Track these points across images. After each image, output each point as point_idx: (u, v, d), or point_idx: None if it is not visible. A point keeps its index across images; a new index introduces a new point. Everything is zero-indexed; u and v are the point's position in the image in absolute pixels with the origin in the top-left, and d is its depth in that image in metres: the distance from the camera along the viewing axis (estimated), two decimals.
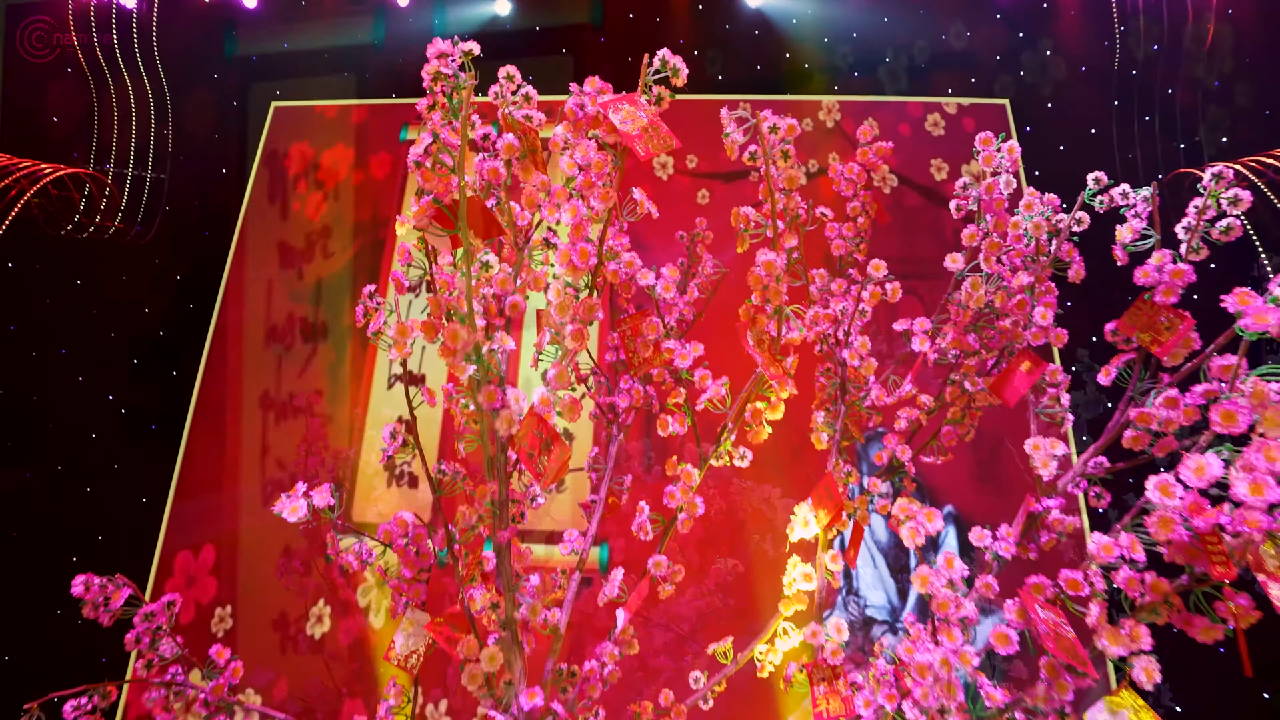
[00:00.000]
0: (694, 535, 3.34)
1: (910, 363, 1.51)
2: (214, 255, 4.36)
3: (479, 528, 1.11)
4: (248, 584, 3.57)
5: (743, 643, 1.42)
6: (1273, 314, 0.80)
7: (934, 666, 0.92)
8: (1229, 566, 0.78)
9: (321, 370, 3.93)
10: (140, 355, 4.29)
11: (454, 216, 0.95)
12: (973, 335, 1.39)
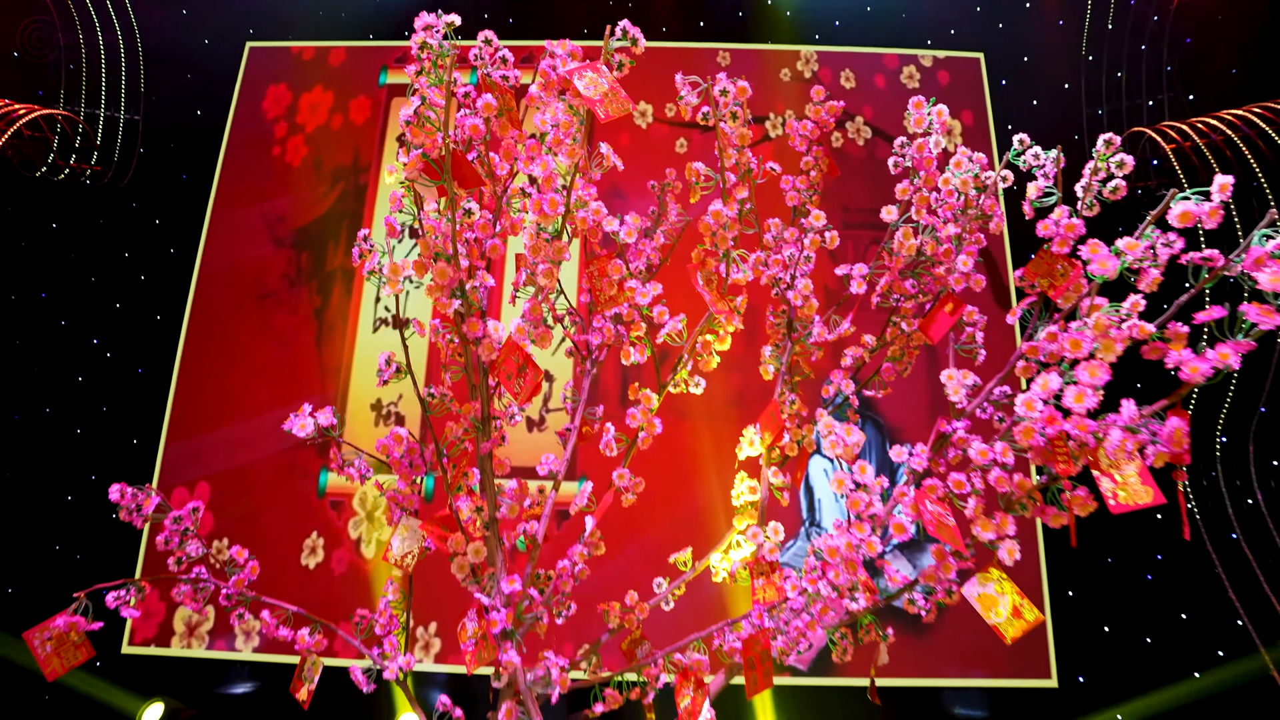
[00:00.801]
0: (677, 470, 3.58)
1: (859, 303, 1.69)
2: (193, 199, 4.39)
3: (465, 442, 1.29)
4: (243, 518, 3.77)
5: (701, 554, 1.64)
6: (1113, 262, 0.98)
7: (840, 550, 1.13)
8: (1070, 464, 0.98)
9: (307, 314, 4.05)
10: (122, 300, 4.36)
11: (440, 169, 1.09)
12: (910, 281, 1.57)
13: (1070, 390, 0.95)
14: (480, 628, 1.24)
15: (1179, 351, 0.98)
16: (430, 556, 1.41)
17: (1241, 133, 2.67)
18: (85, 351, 4.32)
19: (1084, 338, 0.98)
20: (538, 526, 1.45)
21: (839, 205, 4.04)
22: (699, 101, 1.19)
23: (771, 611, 1.28)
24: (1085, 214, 1.27)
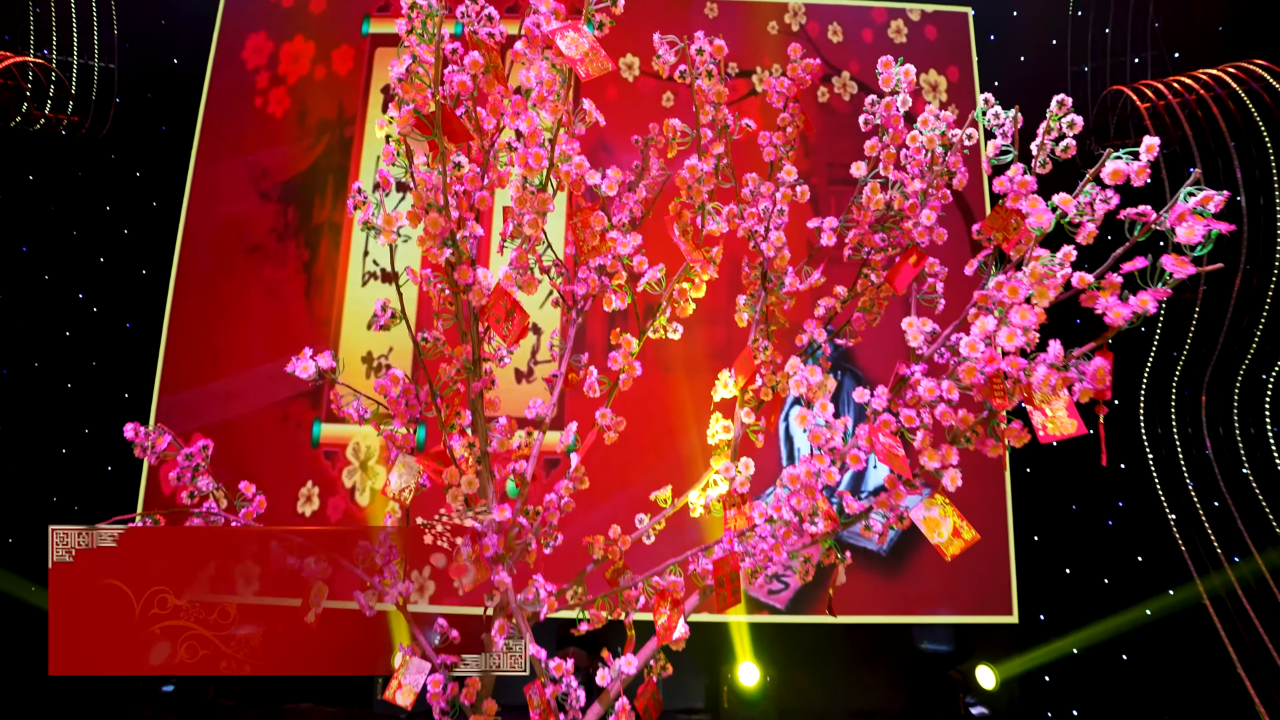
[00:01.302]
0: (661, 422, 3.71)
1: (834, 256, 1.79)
2: (173, 151, 4.36)
3: (457, 383, 1.39)
4: (240, 466, 3.88)
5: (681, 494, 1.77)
6: (1048, 215, 1.08)
7: (801, 477, 1.25)
8: (1005, 400, 1.10)
9: (295, 268, 4.09)
10: (106, 254, 4.37)
11: (431, 125, 1.16)
12: (880, 234, 1.67)
13: (1003, 331, 1.06)
14: (474, 552, 1.36)
15: (1107, 298, 1.09)
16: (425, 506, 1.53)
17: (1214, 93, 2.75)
18: (71, 306, 4.34)
19: (1021, 285, 1.09)
20: (526, 466, 1.56)
21: (824, 161, 4.09)
22: (676, 60, 1.26)
23: (741, 537, 1.41)
24: (1039, 171, 1.36)
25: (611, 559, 1.70)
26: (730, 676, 3.49)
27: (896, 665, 3.78)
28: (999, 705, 3.44)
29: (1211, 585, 2.59)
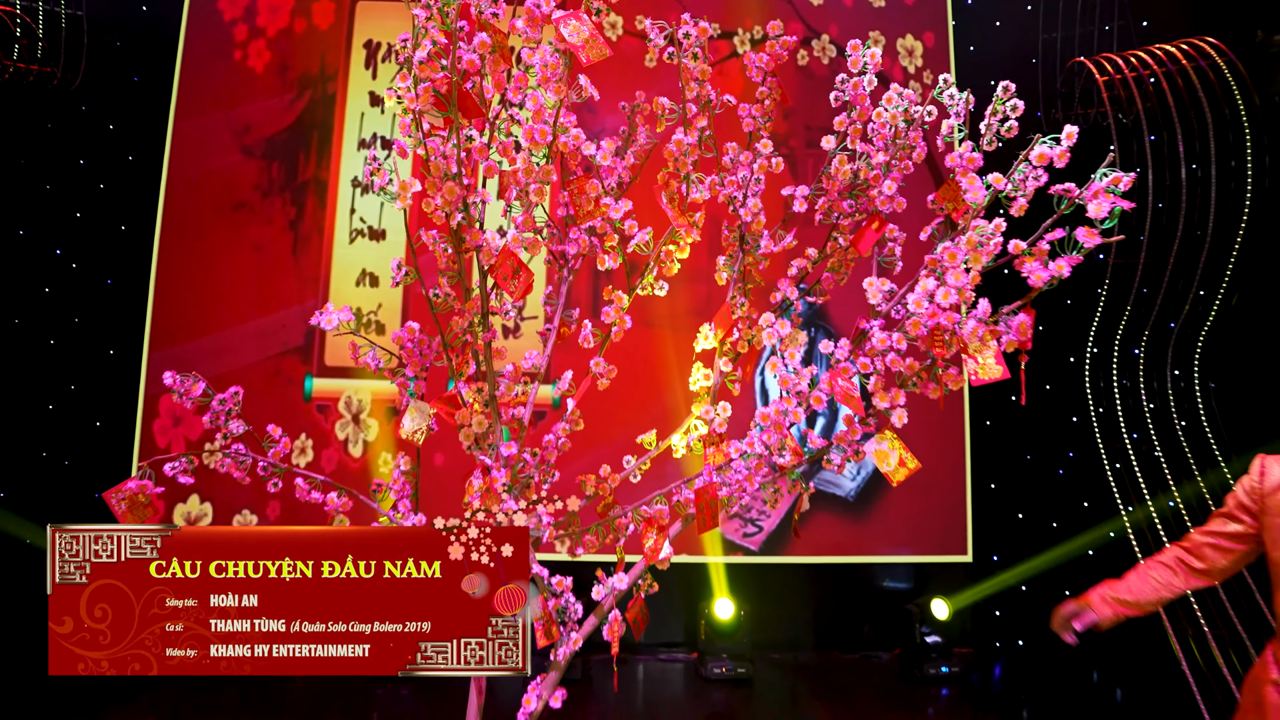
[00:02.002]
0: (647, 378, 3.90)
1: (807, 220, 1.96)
2: (147, 103, 4.34)
3: (466, 334, 1.57)
4: None
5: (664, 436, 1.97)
6: (983, 191, 1.26)
7: (771, 415, 1.46)
8: (944, 349, 1.31)
9: (282, 225, 4.16)
10: (83, 209, 4.37)
11: (447, 103, 1.31)
12: (848, 201, 1.84)
13: (940, 290, 1.26)
14: (485, 483, 1.56)
15: (1031, 263, 1.30)
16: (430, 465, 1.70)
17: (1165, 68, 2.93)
18: (49, 262, 4.35)
19: (959, 251, 1.28)
20: (524, 411, 1.75)
21: (802, 124, 4.23)
22: (665, 43, 1.41)
23: (719, 470, 1.62)
24: (986, 149, 1.55)
25: (602, 495, 1.91)
26: (707, 611, 3.79)
27: (860, 601, 4.12)
28: (951, 634, 3.79)
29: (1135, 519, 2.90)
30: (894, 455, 1.42)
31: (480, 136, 1.39)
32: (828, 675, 3.78)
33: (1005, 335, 1.32)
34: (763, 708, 3.41)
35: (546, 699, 1.66)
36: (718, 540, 3.84)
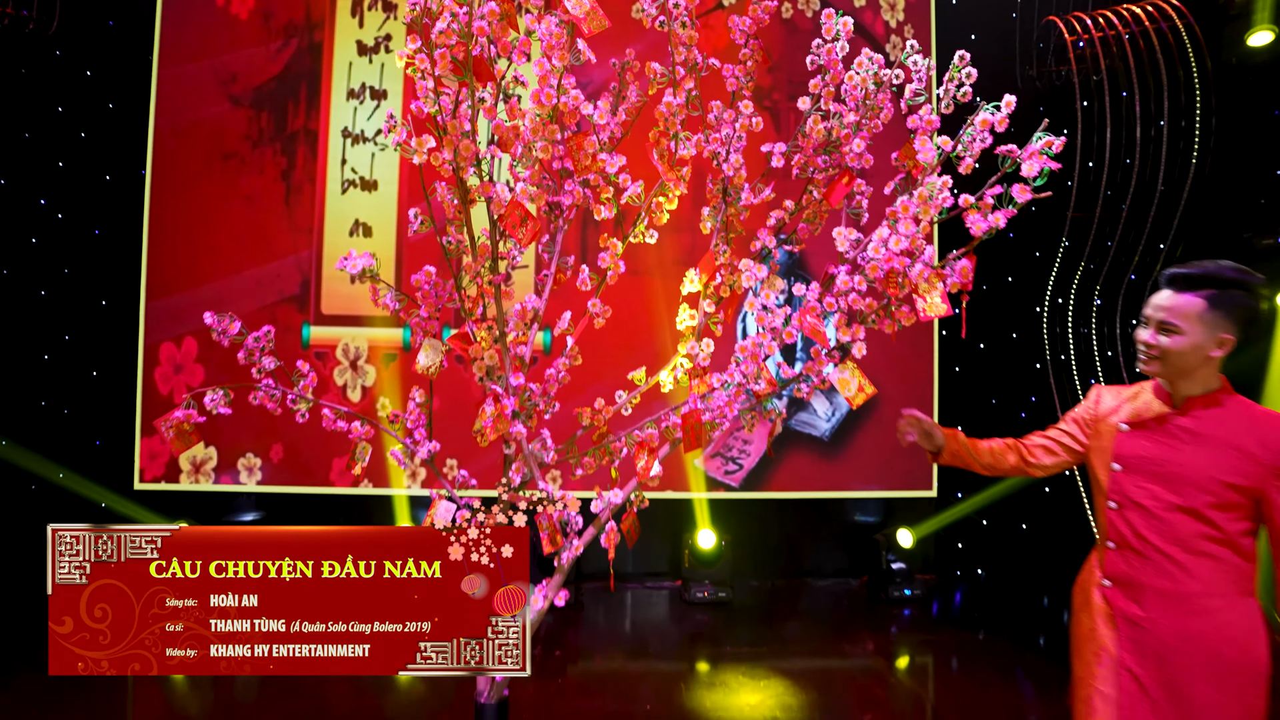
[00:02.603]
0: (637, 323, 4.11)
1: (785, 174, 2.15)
2: (125, 49, 4.33)
3: (477, 278, 1.76)
4: (234, 368, 4.17)
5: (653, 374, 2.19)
6: (933, 153, 1.47)
7: (748, 348, 1.68)
8: (897, 289, 1.53)
9: (274, 176, 4.25)
10: (65, 158, 4.41)
11: (463, 68, 1.47)
12: (823, 157, 2.04)
13: (893, 238, 1.48)
14: (496, 409, 1.78)
15: (973, 215, 1.51)
16: (443, 409, 1.91)
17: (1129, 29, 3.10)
18: (34, 212, 4.39)
19: (911, 204, 1.49)
20: (525, 350, 1.96)
21: (786, 78, 4.36)
22: (657, 13, 1.58)
23: (703, 398, 1.85)
24: (943, 112, 1.74)
25: (597, 426, 2.14)
26: (691, 542, 4.10)
27: (832, 532, 4.46)
28: (914, 561, 4.14)
29: None
30: (854, 382, 1.66)
31: (491, 98, 1.56)
32: (801, 599, 4.14)
33: (950, 278, 1.55)
34: (741, 626, 3.75)
35: (552, 598, 1.92)
36: (701, 477, 4.13)
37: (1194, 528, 1.50)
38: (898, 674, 3.26)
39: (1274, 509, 1.45)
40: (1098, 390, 1.75)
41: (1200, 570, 1.49)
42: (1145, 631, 1.53)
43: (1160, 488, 1.54)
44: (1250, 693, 1.47)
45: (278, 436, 4.16)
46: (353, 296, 4.18)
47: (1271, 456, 1.45)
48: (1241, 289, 1.51)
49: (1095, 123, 3.20)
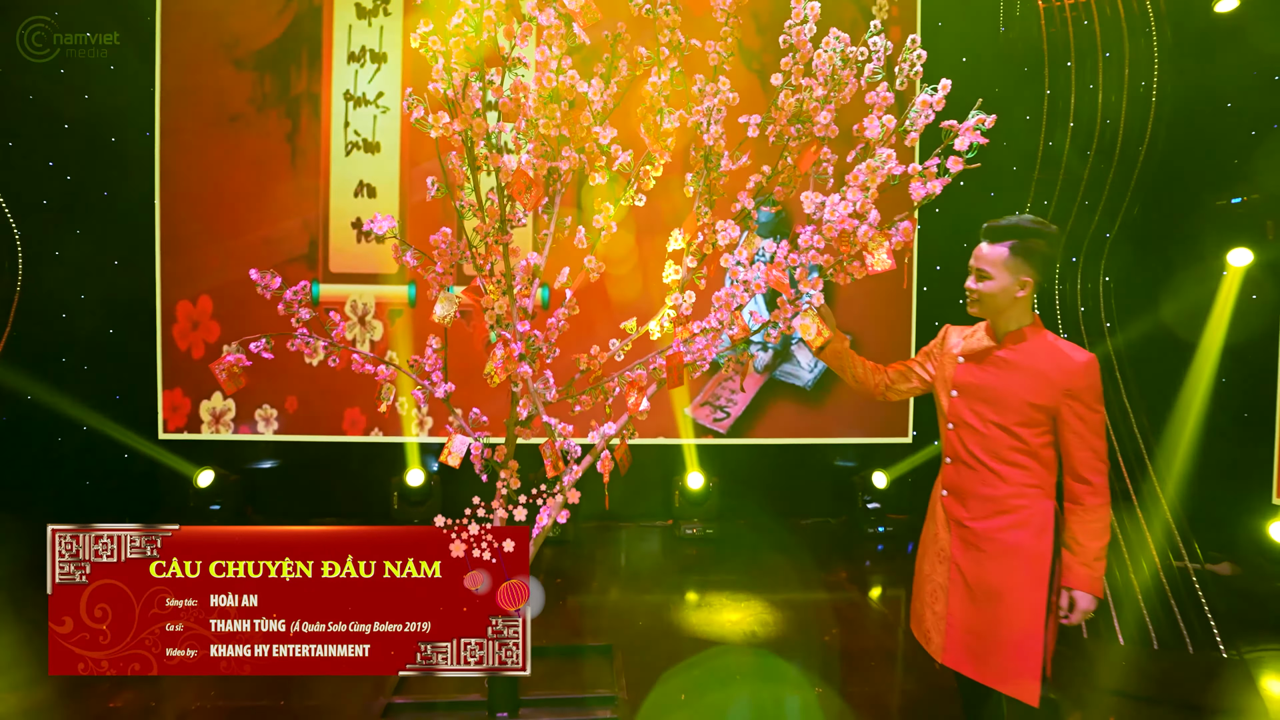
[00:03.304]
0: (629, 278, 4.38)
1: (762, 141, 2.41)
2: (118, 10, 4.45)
3: (487, 238, 2.03)
4: (247, 325, 4.44)
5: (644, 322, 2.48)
6: (878, 129, 1.73)
7: (722, 297, 1.97)
8: (849, 247, 1.81)
9: (279, 138, 4.45)
10: (71, 121, 4.57)
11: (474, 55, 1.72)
12: (795, 127, 2.29)
13: (843, 203, 1.75)
14: (506, 352, 2.07)
15: (914, 182, 1.79)
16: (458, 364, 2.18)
17: None
18: (42, 173, 4.57)
19: (860, 173, 1.77)
20: (529, 301, 2.25)
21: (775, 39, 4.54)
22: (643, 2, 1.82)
23: (685, 343, 2.15)
24: (898, 89, 1.99)
25: (593, 370, 2.44)
26: (681, 484, 4.45)
27: (813, 476, 4.81)
28: (889, 502, 4.51)
29: None
30: (813, 326, 1.95)
31: (498, 78, 1.81)
32: (784, 535, 4.52)
33: (894, 237, 1.83)
34: (727, 560, 4.13)
35: (555, 517, 2.25)
36: (690, 425, 4.46)
37: (1006, 441, 1.81)
38: (869, 601, 3.65)
39: (1064, 423, 1.75)
40: (946, 329, 2.04)
41: (1011, 476, 1.81)
42: (969, 530, 1.86)
43: (984, 408, 1.84)
44: (1036, 574, 1.78)
45: (292, 389, 4.46)
46: (359, 255, 4.43)
47: (1064, 379, 1.73)
48: (1038, 238, 1.78)
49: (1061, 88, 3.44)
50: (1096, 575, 1.76)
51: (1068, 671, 2.82)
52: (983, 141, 1.73)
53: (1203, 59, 3.62)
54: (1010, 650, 1.78)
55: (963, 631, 1.85)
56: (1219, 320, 3.61)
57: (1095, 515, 1.76)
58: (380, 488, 4.51)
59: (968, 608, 1.85)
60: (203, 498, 4.30)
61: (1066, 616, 1.80)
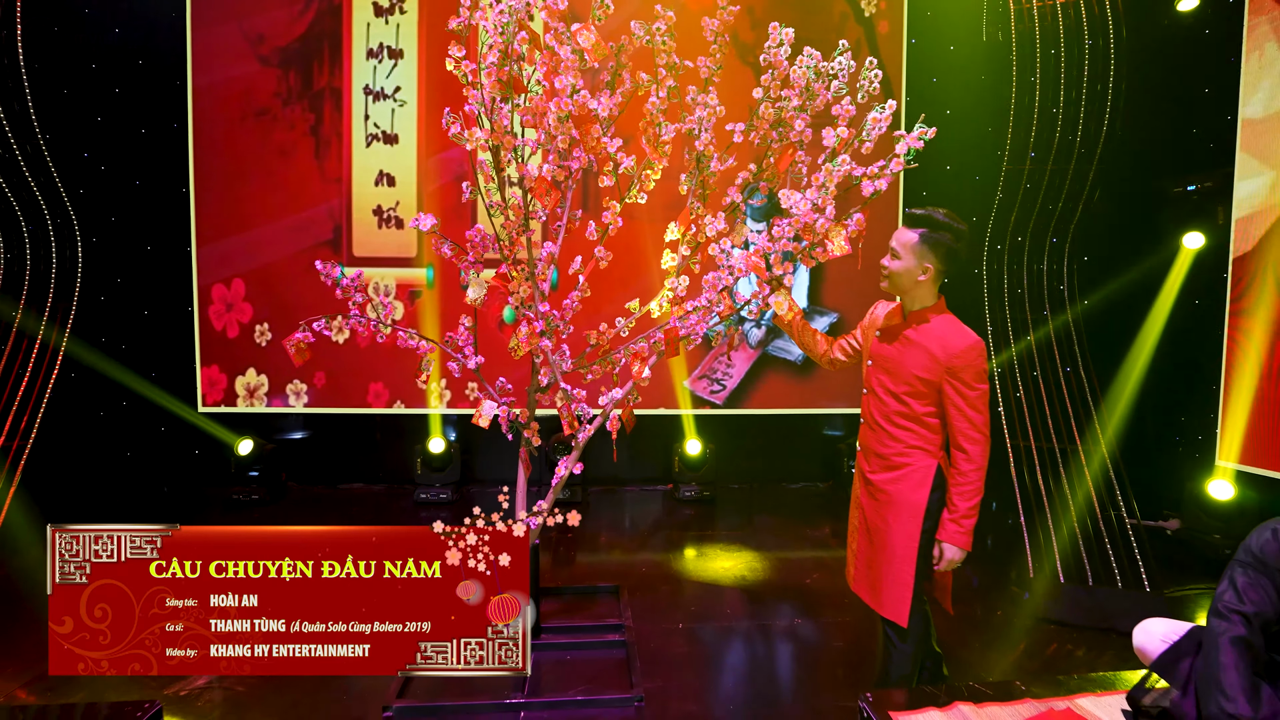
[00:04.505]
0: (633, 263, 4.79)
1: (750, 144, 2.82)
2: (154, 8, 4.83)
3: (513, 233, 2.46)
4: (277, 306, 4.88)
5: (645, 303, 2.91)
6: (833, 137, 2.15)
7: (711, 280, 2.40)
8: (811, 236, 2.24)
9: (304, 130, 4.85)
10: (102, 113, 4.97)
11: (505, 83, 2.14)
12: (776, 131, 2.70)
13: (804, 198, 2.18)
14: (530, 329, 2.51)
15: (865, 182, 2.21)
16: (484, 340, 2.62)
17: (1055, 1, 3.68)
18: (77, 165, 4.96)
19: (820, 174, 2.19)
20: (545, 285, 2.68)
21: None
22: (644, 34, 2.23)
23: (680, 319, 2.59)
24: (860, 102, 2.41)
25: (601, 344, 2.88)
26: (680, 450, 4.92)
27: (803, 443, 5.27)
28: None
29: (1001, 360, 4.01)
30: (785, 303, 2.39)
31: (524, 101, 2.23)
32: (775, 498, 4.99)
33: (850, 227, 2.26)
34: (722, 519, 4.60)
35: (571, 467, 2.70)
36: (689, 397, 4.92)
37: (897, 407, 2.08)
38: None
39: (946, 397, 1.99)
40: (875, 305, 2.33)
41: (900, 436, 2.08)
42: (870, 482, 2.18)
43: (886, 378, 2.12)
44: (911, 520, 2.05)
45: (320, 365, 4.91)
46: (379, 241, 4.86)
47: (947, 359, 1.97)
48: (946, 231, 2.01)
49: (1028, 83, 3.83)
50: (964, 530, 1.99)
51: (1015, 604, 3.30)
52: (918, 145, 2.15)
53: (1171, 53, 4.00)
54: (888, 582, 2.09)
55: (863, 565, 2.21)
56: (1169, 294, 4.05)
57: (968, 479, 1.98)
58: (403, 455, 4.99)
59: (866, 546, 2.20)
60: (242, 466, 4.77)
61: (937, 563, 2.06)
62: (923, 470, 2.08)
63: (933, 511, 2.07)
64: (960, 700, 1.79)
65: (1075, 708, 1.76)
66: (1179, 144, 4.12)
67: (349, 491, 5.09)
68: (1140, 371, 4.09)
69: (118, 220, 5.06)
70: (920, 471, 2.08)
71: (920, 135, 2.17)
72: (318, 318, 2.58)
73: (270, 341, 4.92)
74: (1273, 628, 1.43)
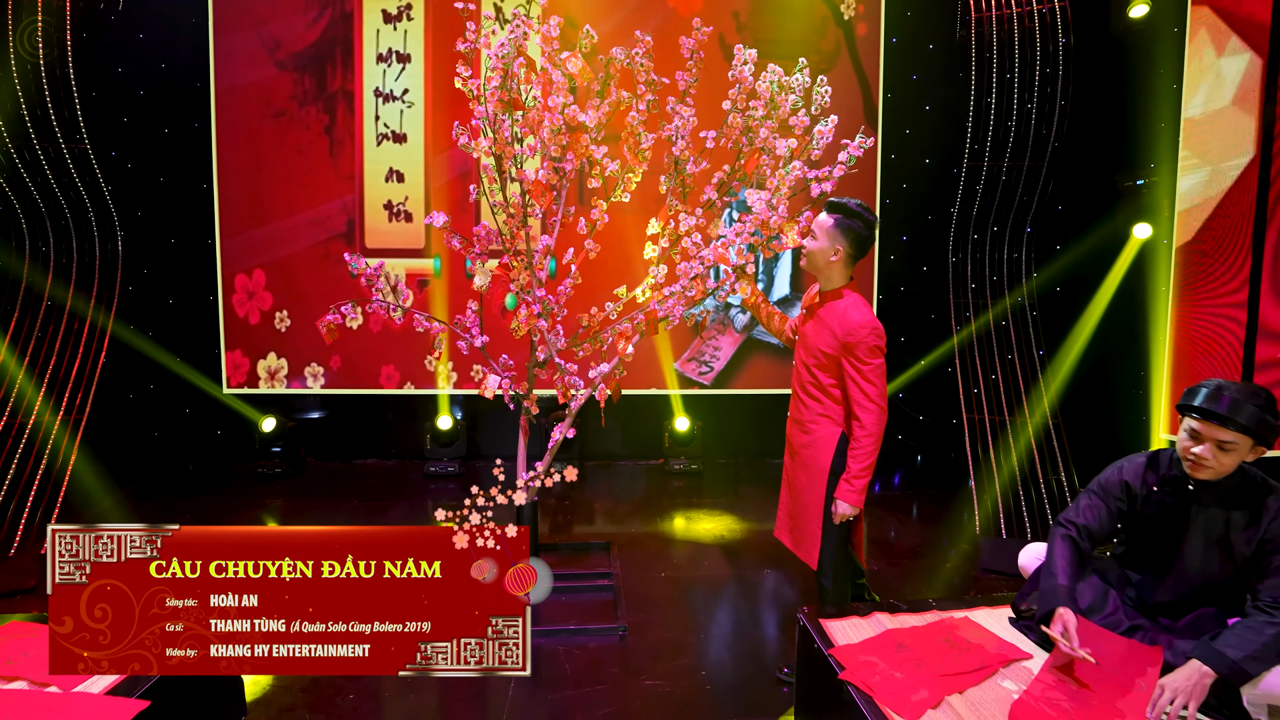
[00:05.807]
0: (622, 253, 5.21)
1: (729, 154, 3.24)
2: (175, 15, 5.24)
3: (513, 228, 2.89)
4: (295, 294, 5.32)
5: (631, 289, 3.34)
6: (784, 147, 2.57)
7: (684, 268, 2.83)
8: (768, 230, 2.66)
9: (318, 131, 5.27)
10: (129, 114, 5.39)
11: (506, 100, 2.56)
12: (745, 137, 3.12)
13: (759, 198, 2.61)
14: (529, 311, 2.95)
15: (815, 184, 2.63)
16: (490, 327, 3.06)
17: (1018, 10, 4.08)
18: (108, 163, 5.38)
19: (778, 178, 2.61)
20: (543, 274, 3.12)
21: (752, 37, 5.30)
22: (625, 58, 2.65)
23: (659, 303, 3.02)
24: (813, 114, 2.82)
25: (592, 325, 3.32)
26: (670, 427, 5.36)
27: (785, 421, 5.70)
28: None
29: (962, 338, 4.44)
30: (749, 289, 2.82)
31: (521, 116, 2.66)
32: (760, 471, 5.43)
33: (801, 223, 2.68)
34: (709, 490, 5.04)
35: (565, 433, 3.14)
36: (678, 377, 5.35)
37: (808, 378, 2.39)
38: None
39: (844, 370, 2.25)
40: (812, 285, 2.64)
41: (811, 405, 2.39)
42: (791, 446, 2.56)
43: (803, 352, 2.42)
44: (818, 478, 2.35)
45: (336, 349, 5.36)
46: (390, 234, 5.29)
47: (844, 335, 2.21)
48: (858, 219, 2.29)
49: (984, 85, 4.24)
50: (856, 489, 2.24)
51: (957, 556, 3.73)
52: (859, 153, 2.56)
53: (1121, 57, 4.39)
54: (801, 530, 2.49)
55: (785, 515, 2.63)
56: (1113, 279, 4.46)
57: (860, 445, 2.21)
58: (414, 432, 5.44)
59: (787, 499, 2.61)
60: (266, 442, 5.24)
61: (835, 518, 2.32)
62: (827, 436, 2.35)
63: (835, 473, 2.33)
64: (878, 611, 2.23)
65: (971, 617, 2.20)
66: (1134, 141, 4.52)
67: (364, 466, 5.55)
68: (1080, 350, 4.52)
69: (144, 214, 5.49)
70: (825, 438, 2.36)
71: (860, 144, 2.58)
72: (344, 302, 3.01)
73: (289, 327, 5.36)
74: (1101, 541, 1.86)
